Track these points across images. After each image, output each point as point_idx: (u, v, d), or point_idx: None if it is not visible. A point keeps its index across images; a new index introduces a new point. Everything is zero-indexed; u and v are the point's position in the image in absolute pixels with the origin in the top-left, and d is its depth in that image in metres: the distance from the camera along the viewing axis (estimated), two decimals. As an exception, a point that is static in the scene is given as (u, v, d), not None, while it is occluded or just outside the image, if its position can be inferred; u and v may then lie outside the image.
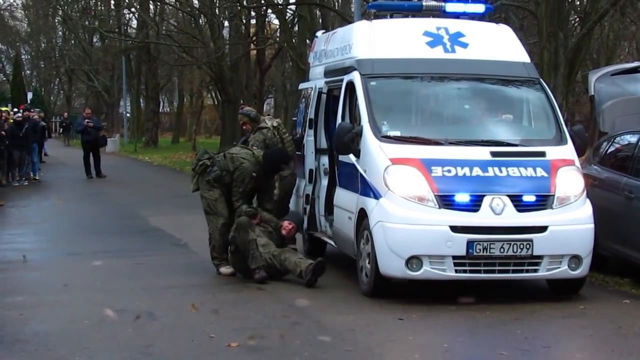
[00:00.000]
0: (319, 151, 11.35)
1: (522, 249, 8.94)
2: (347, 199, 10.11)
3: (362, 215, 9.48)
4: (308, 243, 11.90)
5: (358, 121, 9.89)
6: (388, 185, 9.14)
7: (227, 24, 39.24)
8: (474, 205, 8.96)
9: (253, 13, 37.93)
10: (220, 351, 7.45)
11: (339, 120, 10.43)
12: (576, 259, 9.15)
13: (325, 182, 11.05)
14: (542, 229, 9.01)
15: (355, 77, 10.13)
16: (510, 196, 9.02)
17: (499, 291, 9.70)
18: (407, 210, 8.99)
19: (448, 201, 8.98)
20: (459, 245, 8.85)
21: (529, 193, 9.11)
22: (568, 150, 9.65)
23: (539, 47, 21.54)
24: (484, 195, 9.00)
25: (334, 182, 10.75)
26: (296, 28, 35.68)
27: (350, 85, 10.30)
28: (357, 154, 9.70)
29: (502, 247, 8.91)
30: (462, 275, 8.97)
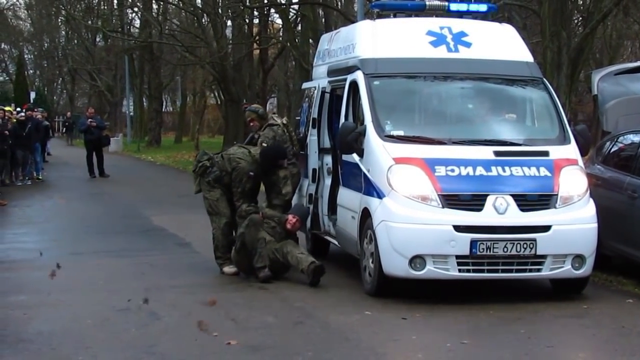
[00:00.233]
0: (322, 151, 11.35)
1: (526, 248, 8.93)
2: (350, 199, 10.11)
3: (366, 214, 9.47)
4: (311, 242, 11.89)
5: (361, 121, 9.88)
6: (391, 184, 9.13)
7: (230, 23, 39.31)
8: (478, 205, 8.96)
9: (256, 12, 37.91)
10: (224, 350, 7.45)
11: (342, 119, 10.43)
12: (579, 258, 9.15)
13: (328, 181, 11.04)
14: (546, 228, 9.00)
15: (359, 76, 10.13)
16: (513, 196, 9.01)
17: (502, 291, 9.70)
18: (411, 210, 8.98)
19: (451, 201, 8.98)
20: (463, 244, 8.85)
21: (533, 192, 9.11)
22: (571, 150, 9.64)
23: (542, 46, 21.51)
24: (487, 195, 8.99)
25: (337, 182, 10.75)
26: (299, 27, 35.66)
27: (354, 85, 10.29)
28: (361, 153, 9.69)
29: (505, 247, 8.90)
30: (466, 274, 8.97)
